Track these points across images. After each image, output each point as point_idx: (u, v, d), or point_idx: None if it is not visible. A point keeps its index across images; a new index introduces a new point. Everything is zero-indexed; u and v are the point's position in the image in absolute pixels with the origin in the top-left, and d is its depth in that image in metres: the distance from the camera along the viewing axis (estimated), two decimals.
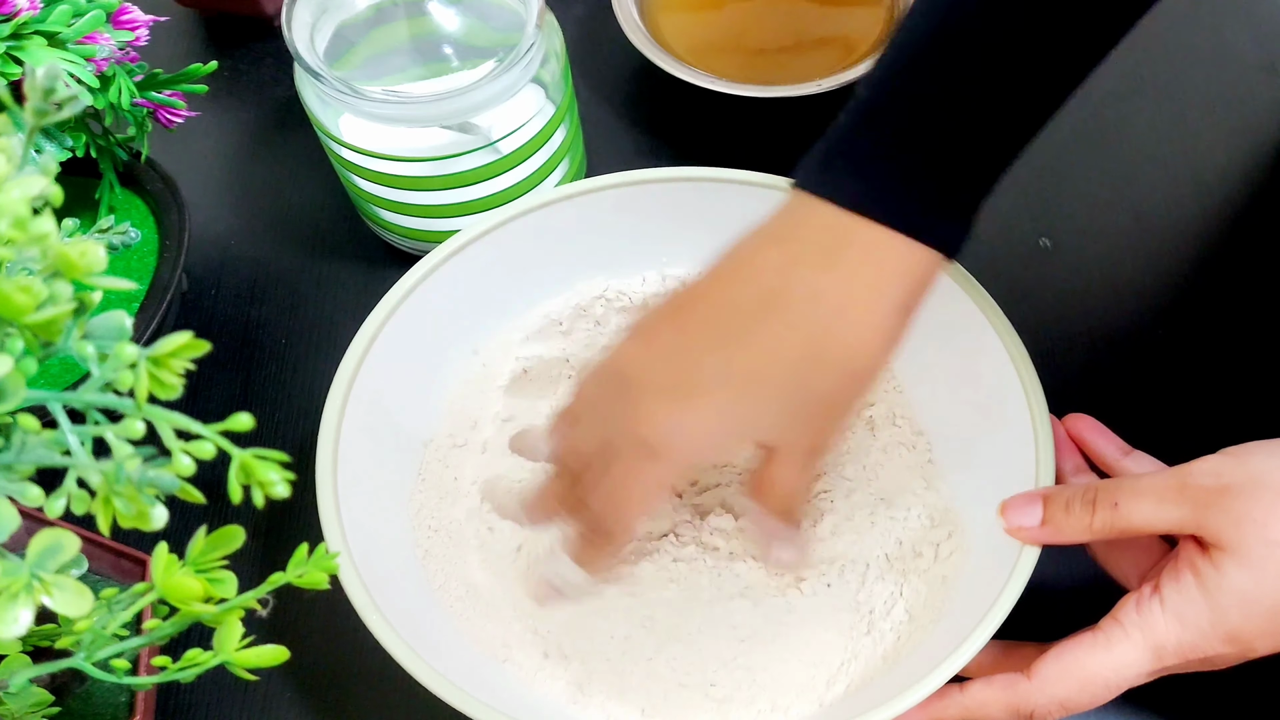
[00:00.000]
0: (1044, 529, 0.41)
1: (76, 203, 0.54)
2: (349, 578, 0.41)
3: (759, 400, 0.37)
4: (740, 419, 0.38)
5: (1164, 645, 0.37)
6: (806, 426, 0.39)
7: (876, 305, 0.37)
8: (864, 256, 0.37)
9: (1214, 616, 0.37)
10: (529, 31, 0.48)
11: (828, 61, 0.61)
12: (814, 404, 0.38)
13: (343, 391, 0.45)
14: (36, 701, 0.37)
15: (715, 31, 0.63)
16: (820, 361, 0.37)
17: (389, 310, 0.47)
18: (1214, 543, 0.37)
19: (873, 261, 0.37)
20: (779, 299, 0.37)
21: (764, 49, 0.62)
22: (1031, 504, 0.41)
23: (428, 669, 0.39)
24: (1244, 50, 0.63)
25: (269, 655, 0.32)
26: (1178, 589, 0.37)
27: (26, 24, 0.45)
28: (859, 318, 0.37)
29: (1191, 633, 0.37)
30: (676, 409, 0.37)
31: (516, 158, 0.51)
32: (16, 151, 0.25)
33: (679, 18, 0.63)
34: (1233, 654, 0.37)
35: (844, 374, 0.38)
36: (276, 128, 0.63)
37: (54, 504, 0.27)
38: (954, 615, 0.43)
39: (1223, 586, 0.36)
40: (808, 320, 0.37)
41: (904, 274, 0.37)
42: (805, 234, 0.37)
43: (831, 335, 0.37)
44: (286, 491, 0.27)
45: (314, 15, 0.49)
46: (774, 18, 0.64)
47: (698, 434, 0.38)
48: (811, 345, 0.37)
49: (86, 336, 0.27)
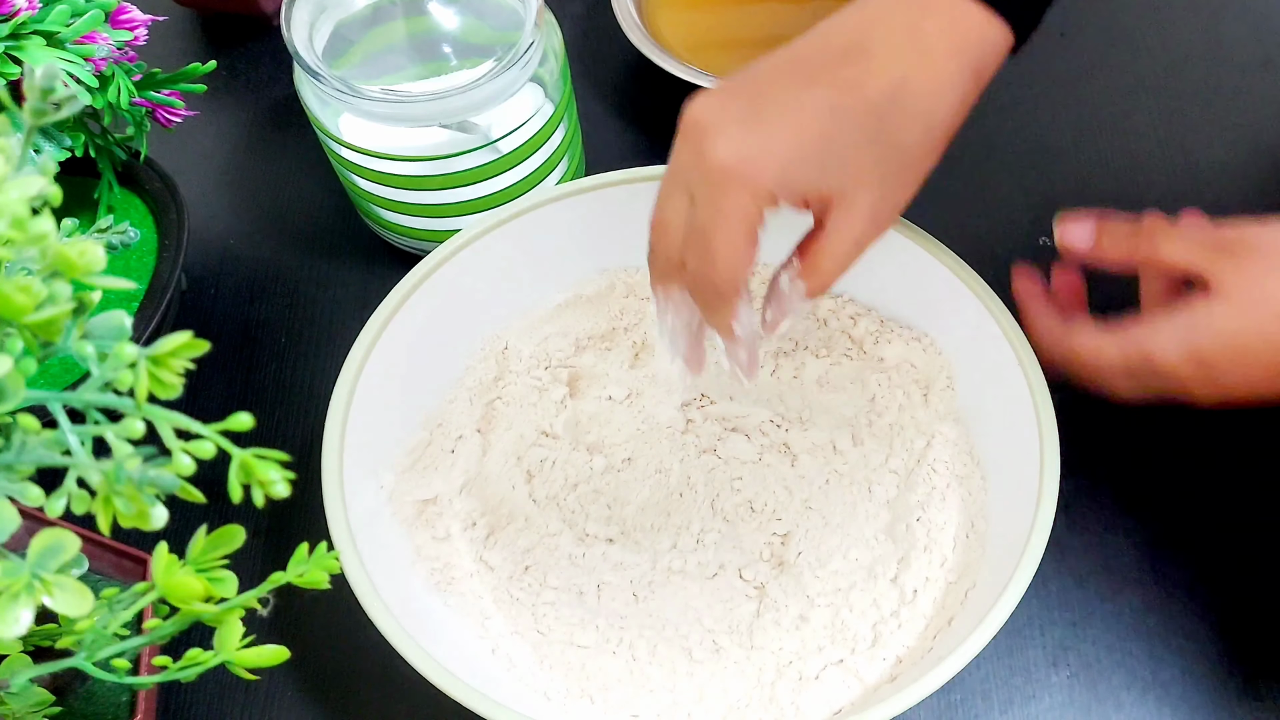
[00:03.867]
0: (1092, 251, 0.43)
1: (75, 202, 0.54)
2: (354, 571, 0.41)
3: (837, 130, 0.38)
4: (816, 145, 0.38)
5: (1140, 343, 0.40)
6: (878, 173, 0.39)
7: (954, 64, 0.39)
8: (944, 21, 0.39)
9: (1188, 335, 0.39)
10: (528, 30, 0.48)
11: None
12: (889, 150, 0.39)
13: (347, 390, 0.45)
14: (37, 701, 0.37)
15: (714, 28, 0.63)
16: (899, 106, 0.38)
17: (393, 308, 0.47)
18: (1215, 286, 0.39)
19: (952, 26, 0.39)
20: (860, 49, 0.39)
21: (764, 45, 0.60)
22: (1086, 227, 0.43)
23: (428, 659, 0.40)
24: (1242, 46, 0.63)
25: (269, 655, 0.32)
26: (1169, 310, 0.40)
27: (25, 24, 0.45)
28: (937, 73, 0.39)
29: (1164, 337, 0.40)
30: (749, 131, 0.38)
31: (516, 157, 0.51)
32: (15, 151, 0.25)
33: (678, 15, 0.63)
34: (1200, 380, 0.39)
35: (921, 125, 0.39)
36: (275, 127, 0.63)
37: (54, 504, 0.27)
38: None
39: (1207, 318, 0.39)
40: (889, 68, 0.38)
41: (978, 42, 0.39)
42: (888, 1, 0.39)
43: (911, 84, 0.38)
44: (287, 491, 0.27)
45: (312, 14, 0.49)
46: (773, 13, 0.63)
47: (773, 151, 0.38)
48: (892, 90, 0.38)
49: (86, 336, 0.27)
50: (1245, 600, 0.47)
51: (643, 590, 0.46)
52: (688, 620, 0.46)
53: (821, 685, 0.43)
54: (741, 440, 0.49)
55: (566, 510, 0.48)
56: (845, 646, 0.44)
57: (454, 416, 0.50)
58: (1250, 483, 0.49)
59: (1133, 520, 0.49)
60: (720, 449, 0.49)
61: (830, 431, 0.49)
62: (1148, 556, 0.48)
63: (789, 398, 0.50)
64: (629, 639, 0.45)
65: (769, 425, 0.49)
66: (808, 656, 0.44)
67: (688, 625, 0.45)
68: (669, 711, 0.44)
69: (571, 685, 0.44)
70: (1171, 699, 0.45)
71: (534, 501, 0.48)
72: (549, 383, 0.50)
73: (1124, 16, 0.65)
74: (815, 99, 0.38)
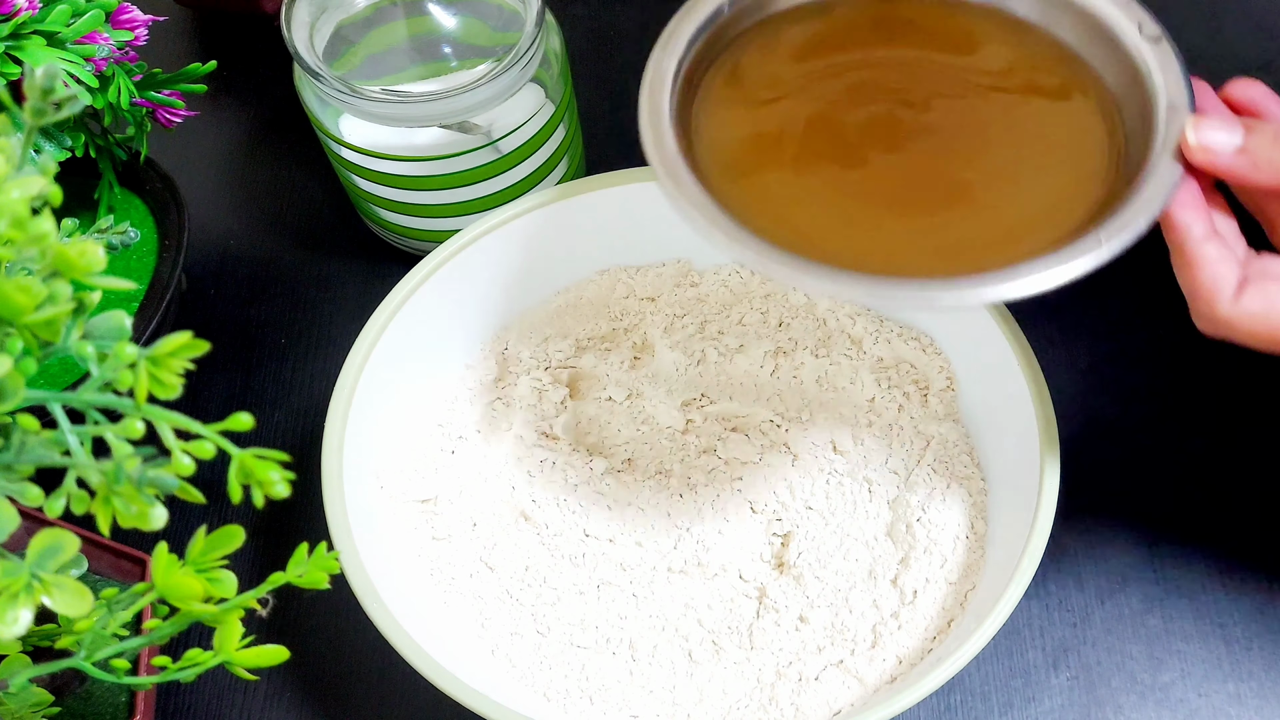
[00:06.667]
0: (1240, 156, 0.36)
1: (76, 203, 0.54)
2: (354, 571, 0.41)
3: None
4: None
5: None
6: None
7: None
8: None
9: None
10: (528, 31, 0.48)
11: (974, 235, 0.39)
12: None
13: (347, 390, 0.45)
14: (36, 701, 0.37)
15: (782, 142, 0.41)
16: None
17: (393, 308, 0.47)
18: None
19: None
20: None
21: (863, 186, 0.40)
22: (1230, 125, 0.36)
23: (428, 660, 0.40)
24: (1242, 48, 0.63)
25: (269, 655, 0.32)
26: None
27: (25, 24, 0.45)
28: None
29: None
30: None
31: (516, 157, 0.51)
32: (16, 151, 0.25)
33: (731, 113, 0.41)
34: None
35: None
36: (276, 127, 0.63)
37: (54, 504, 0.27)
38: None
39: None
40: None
41: None
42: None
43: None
44: (286, 491, 0.27)
45: (313, 15, 0.49)
46: (886, 124, 0.41)
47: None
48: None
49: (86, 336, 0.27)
50: (1246, 602, 0.47)
51: (643, 591, 0.46)
52: (687, 621, 0.46)
53: (821, 686, 0.43)
54: (742, 440, 0.49)
55: (566, 511, 0.48)
56: (845, 647, 0.44)
57: (454, 417, 0.50)
58: (1252, 483, 0.49)
59: (1133, 522, 0.49)
60: (720, 449, 0.49)
61: (830, 431, 0.49)
62: (1148, 558, 0.48)
63: (788, 396, 0.50)
64: (629, 639, 0.45)
65: (769, 425, 0.49)
66: (807, 657, 0.44)
67: (687, 626, 0.45)
68: (669, 712, 0.44)
69: (571, 685, 0.44)
70: (1171, 702, 0.45)
71: (534, 502, 0.48)
72: (549, 384, 0.50)
73: None
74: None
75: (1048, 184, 0.39)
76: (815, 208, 0.39)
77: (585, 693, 0.44)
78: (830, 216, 0.39)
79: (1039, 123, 0.41)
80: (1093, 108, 0.41)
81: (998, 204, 0.39)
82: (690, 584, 0.46)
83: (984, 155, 0.40)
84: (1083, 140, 0.40)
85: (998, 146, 0.40)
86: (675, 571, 0.46)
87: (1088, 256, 0.35)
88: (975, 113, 0.41)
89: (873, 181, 0.40)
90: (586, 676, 0.44)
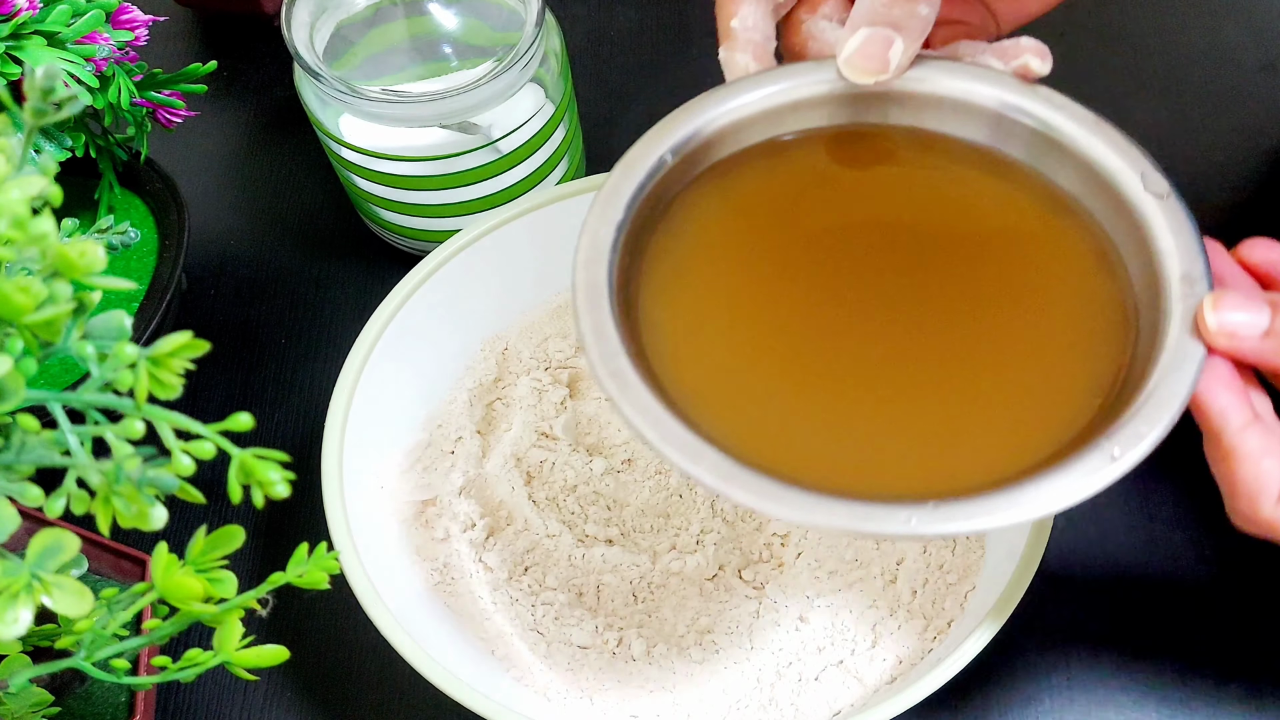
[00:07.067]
0: (1268, 340, 0.31)
1: (76, 203, 0.54)
2: (354, 571, 0.41)
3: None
4: None
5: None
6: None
7: None
8: None
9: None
10: (528, 31, 0.48)
11: (964, 438, 0.33)
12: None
13: (347, 390, 0.45)
14: (36, 701, 0.37)
15: (742, 323, 0.36)
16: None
17: (393, 308, 0.47)
18: None
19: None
20: None
21: (836, 379, 0.35)
22: (1255, 306, 0.31)
23: (428, 660, 0.40)
24: (1243, 50, 0.63)
25: (269, 655, 0.32)
26: None
27: (26, 24, 0.45)
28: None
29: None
30: None
31: (516, 157, 0.51)
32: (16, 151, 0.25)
33: (681, 288, 0.36)
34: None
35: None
36: (276, 128, 0.63)
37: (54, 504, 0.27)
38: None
39: None
40: None
41: None
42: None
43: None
44: (286, 491, 0.27)
45: (313, 15, 0.49)
46: (860, 295, 0.36)
47: None
48: None
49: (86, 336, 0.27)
50: (1246, 603, 0.47)
51: (642, 591, 0.46)
52: (687, 621, 0.46)
53: (821, 686, 0.43)
54: None
55: (566, 511, 0.48)
56: (845, 647, 0.44)
57: (453, 417, 0.50)
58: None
59: (1134, 522, 0.49)
60: None
61: None
62: (1148, 559, 0.48)
63: None
64: (628, 639, 0.45)
65: None
66: (807, 657, 0.44)
67: (686, 626, 0.45)
68: (668, 712, 0.44)
69: (570, 685, 0.44)
70: (1170, 703, 0.45)
71: (533, 503, 0.48)
72: (549, 384, 0.50)
73: (1124, 18, 0.65)
74: None
75: (1049, 368, 0.34)
76: (782, 405, 0.34)
77: (585, 693, 0.44)
78: (800, 417, 0.34)
79: (1037, 290, 0.35)
80: (1097, 269, 0.35)
81: (991, 397, 0.34)
82: (689, 584, 0.46)
83: (974, 335, 0.34)
84: (1088, 312, 0.35)
85: (990, 323, 0.35)
86: (674, 572, 0.46)
87: (1100, 474, 0.30)
88: (962, 280, 0.35)
89: (847, 373, 0.34)
90: (586, 676, 0.44)
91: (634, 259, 0.35)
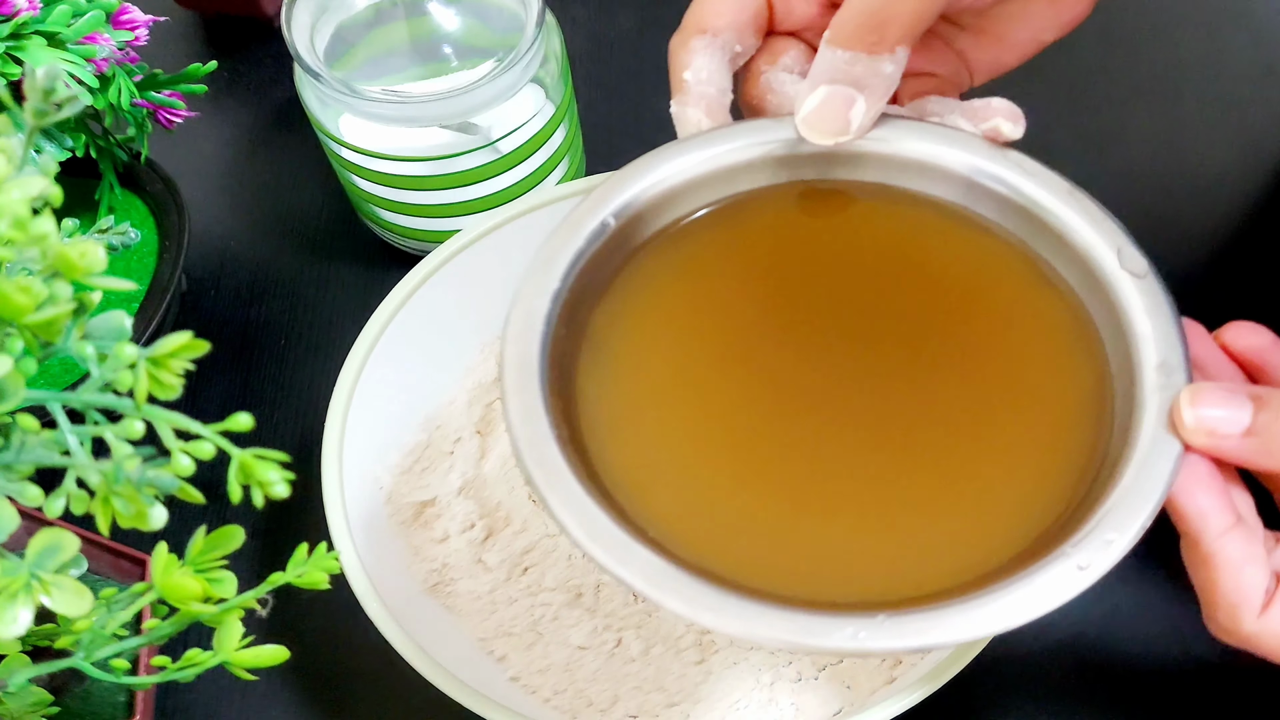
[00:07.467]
0: (1248, 440, 0.29)
1: (76, 203, 0.54)
2: (353, 571, 0.41)
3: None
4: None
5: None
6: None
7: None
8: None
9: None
10: (529, 32, 0.48)
11: (921, 539, 0.31)
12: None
13: (347, 390, 0.45)
14: (35, 701, 0.37)
15: (688, 408, 0.33)
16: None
17: (393, 309, 0.47)
18: None
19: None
20: None
21: (788, 469, 0.32)
22: (1235, 401, 0.29)
23: (428, 660, 0.40)
24: (1242, 54, 0.63)
25: (269, 655, 0.32)
26: None
27: (26, 24, 0.45)
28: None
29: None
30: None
31: (516, 157, 0.51)
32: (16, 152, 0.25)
33: (622, 369, 0.33)
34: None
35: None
36: (276, 128, 0.63)
37: (53, 504, 0.27)
38: None
39: None
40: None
41: None
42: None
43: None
44: (286, 491, 0.27)
45: (313, 16, 0.50)
46: (818, 372, 0.33)
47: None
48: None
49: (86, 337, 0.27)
50: None
51: None
52: (685, 621, 0.46)
53: (821, 686, 0.43)
54: None
55: None
56: None
57: (453, 418, 0.50)
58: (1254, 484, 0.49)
59: None
60: None
61: None
62: (1148, 558, 0.48)
63: None
64: (627, 640, 0.45)
65: None
66: (806, 657, 0.44)
67: (685, 626, 0.45)
68: (667, 712, 0.44)
69: (569, 685, 0.44)
70: (1171, 704, 0.45)
71: (532, 503, 0.48)
72: None
73: (1123, 23, 0.65)
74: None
75: (1017, 459, 0.31)
76: (724, 496, 0.31)
77: (585, 693, 0.44)
78: (743, 511, 0.31)
79: (1008, 371, 0.33)
80: (1073, 348, 0.33)
81: (953, 491, 0.31)
82: None
83: (937, 421, 0.32)
84: (1062, 397, 0.32)
85: (955, 408, 0.32)
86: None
87: (1066, 586, 0.29)
88: (926, 358, 0.33)
89: (798, 461, 0.32)
90: (586, 677, 0.44)
91: (572, 330, 0.33)
